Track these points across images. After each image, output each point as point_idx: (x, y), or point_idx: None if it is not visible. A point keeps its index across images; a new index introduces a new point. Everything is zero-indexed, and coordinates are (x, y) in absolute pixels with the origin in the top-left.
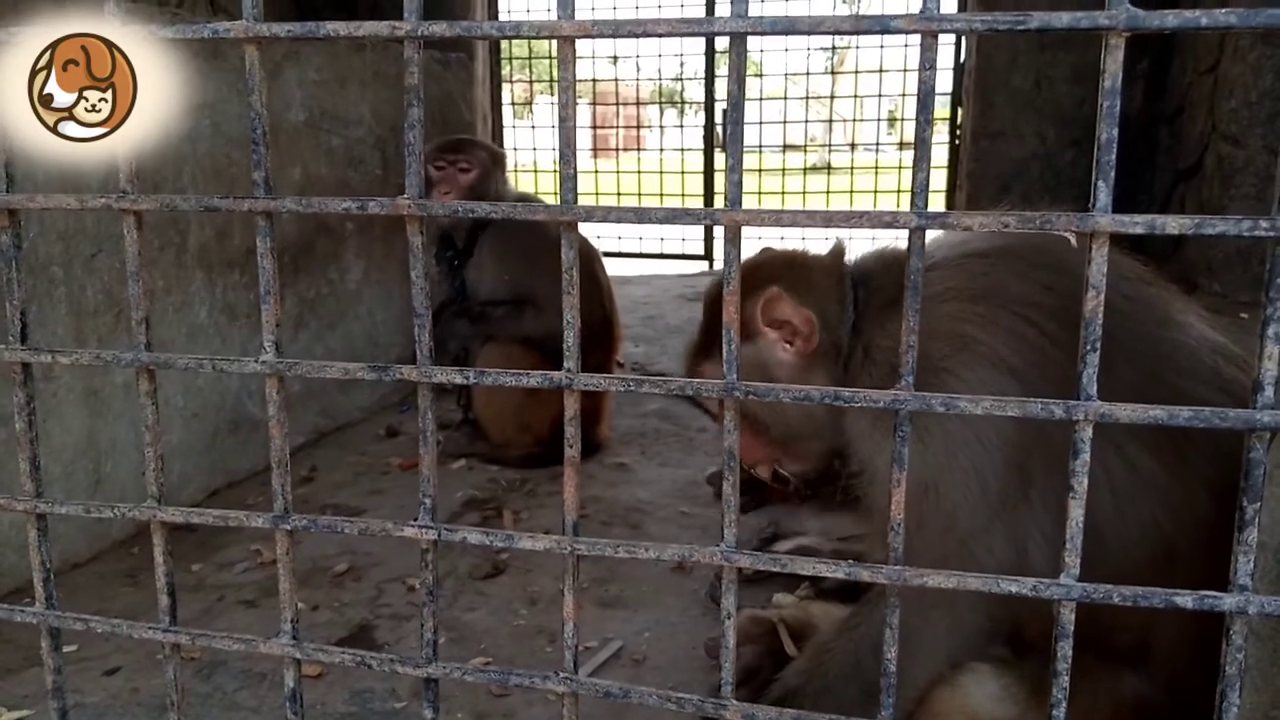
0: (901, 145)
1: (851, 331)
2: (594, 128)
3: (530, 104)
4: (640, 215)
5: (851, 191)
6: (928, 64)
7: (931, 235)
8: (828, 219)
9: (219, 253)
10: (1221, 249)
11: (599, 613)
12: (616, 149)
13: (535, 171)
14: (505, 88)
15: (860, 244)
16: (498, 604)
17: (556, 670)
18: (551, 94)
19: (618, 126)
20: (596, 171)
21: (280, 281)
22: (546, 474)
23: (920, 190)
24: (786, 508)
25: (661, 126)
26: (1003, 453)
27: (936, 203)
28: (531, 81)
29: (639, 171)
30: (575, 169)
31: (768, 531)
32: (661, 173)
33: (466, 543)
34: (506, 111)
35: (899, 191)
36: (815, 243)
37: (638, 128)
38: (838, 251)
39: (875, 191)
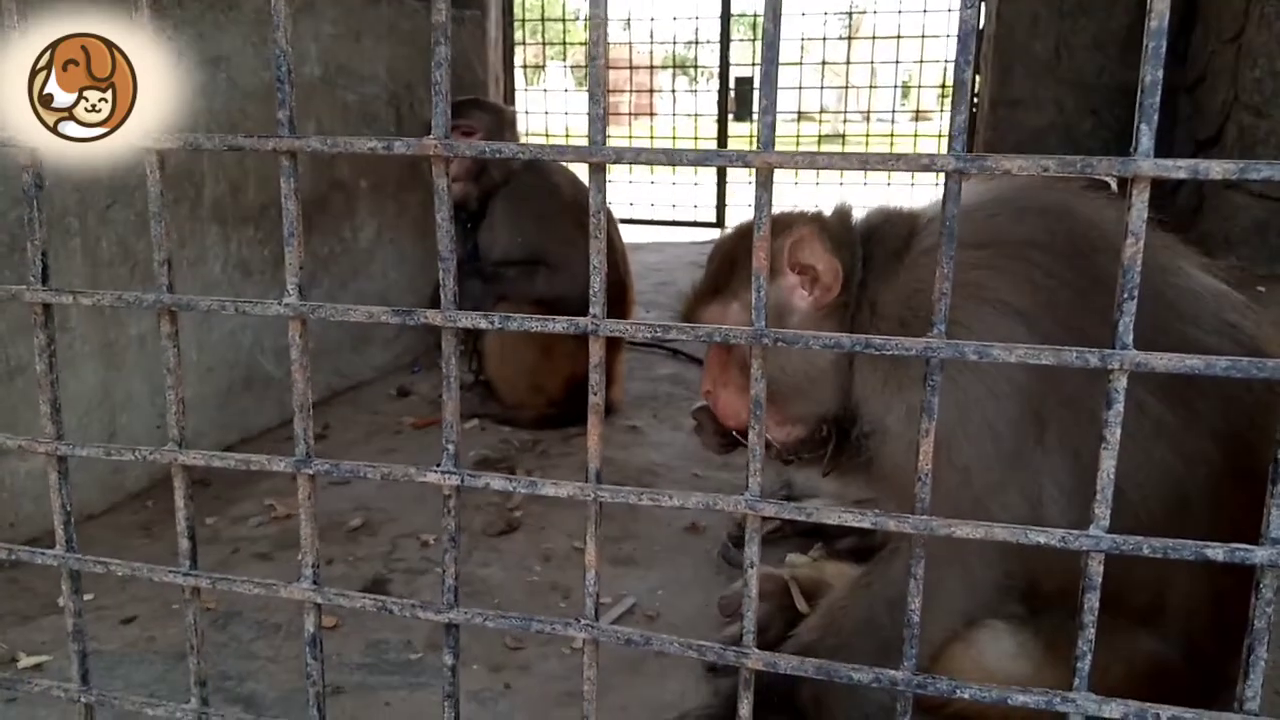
0: (917, 115)
1: (858, 287)
2: (605, 92)
3: (542, 68)
4: (671, 157)
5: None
6: (969, 3)
7: (930, 196)
8: (864, 161)
9: (233, 207)
10: (1239, 222)
11: (613, 570)
12: (629, 114)
13: (547, 135)
14: (518, 50)
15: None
16: (511, 560)
17: (578, 617)
18: (563, 59)
19: (630, 91)
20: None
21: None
22: (558, 435)
23: (958, 133)
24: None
25: (674, 92)
26: (1015, 401)
27: None
28: (544, 44)
29: (651, 137)
30: (605, 109)
31: (781, 493)
32: (674, 138)
33: (487, 489)
34: (518, 75)
35: None
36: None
37: (650, 93)
38: (844, 210)
39: None
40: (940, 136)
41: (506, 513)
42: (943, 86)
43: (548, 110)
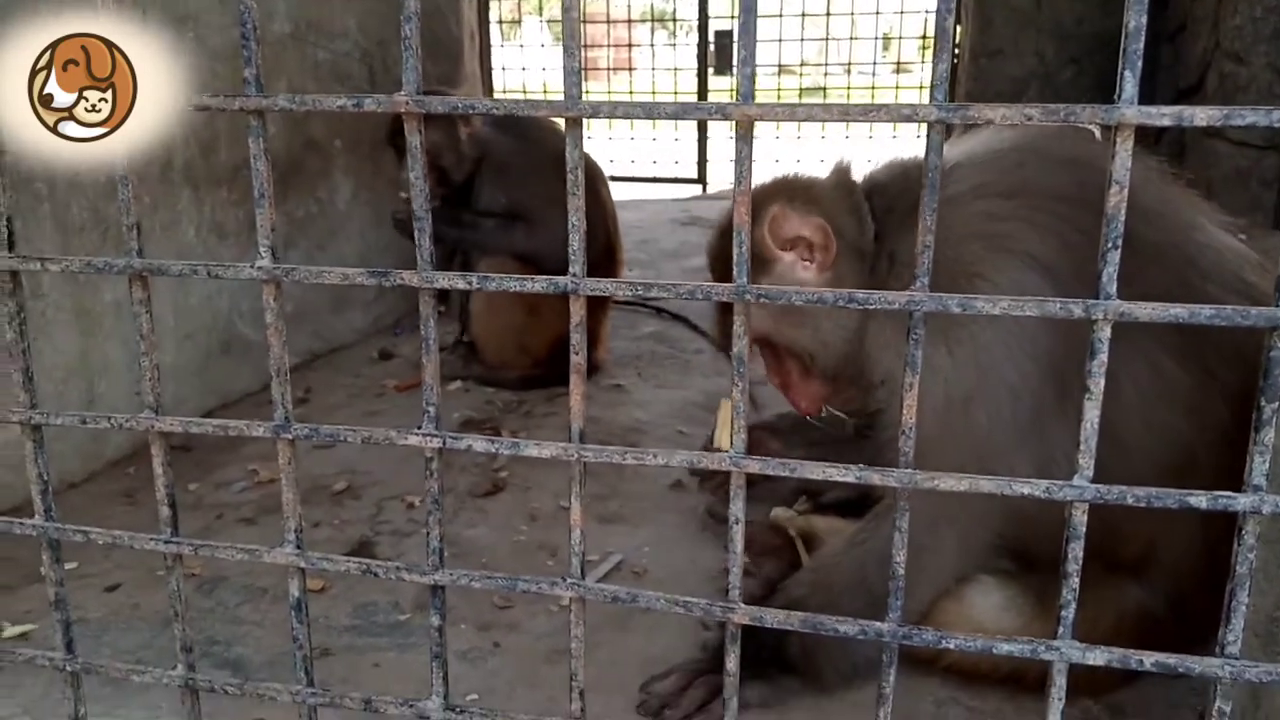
0: (898, 68)
1: (875, 241)
2: (583, 47)
3: (518, 24)
4: (649, 110)
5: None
6: None
7: (951, 138)
8: (845, 112)
9: (205, 170)
10: (1221, 169)
11: (599, 528)
12: (607, 69)
13: (524, 92)
14: (493, 6)
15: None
16: (498, 521)
17: (564, 576)
18: (540, 13)
19: (608, 45)
20: (586, 94)
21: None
22: (543, 395)
23: (940, 82)
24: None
25: (652, 46)
26: (1037, 364)
27: None
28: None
29: (630, 92)
30: (579, 62)
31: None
32: (654, 93)
33: (471, 451)
34: (494, 30)
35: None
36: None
37: (629, 46)
38: (843, 167)
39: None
40: (921, 89)
41: (492, 474)
42: (923, 38)
43: (524, 66)
